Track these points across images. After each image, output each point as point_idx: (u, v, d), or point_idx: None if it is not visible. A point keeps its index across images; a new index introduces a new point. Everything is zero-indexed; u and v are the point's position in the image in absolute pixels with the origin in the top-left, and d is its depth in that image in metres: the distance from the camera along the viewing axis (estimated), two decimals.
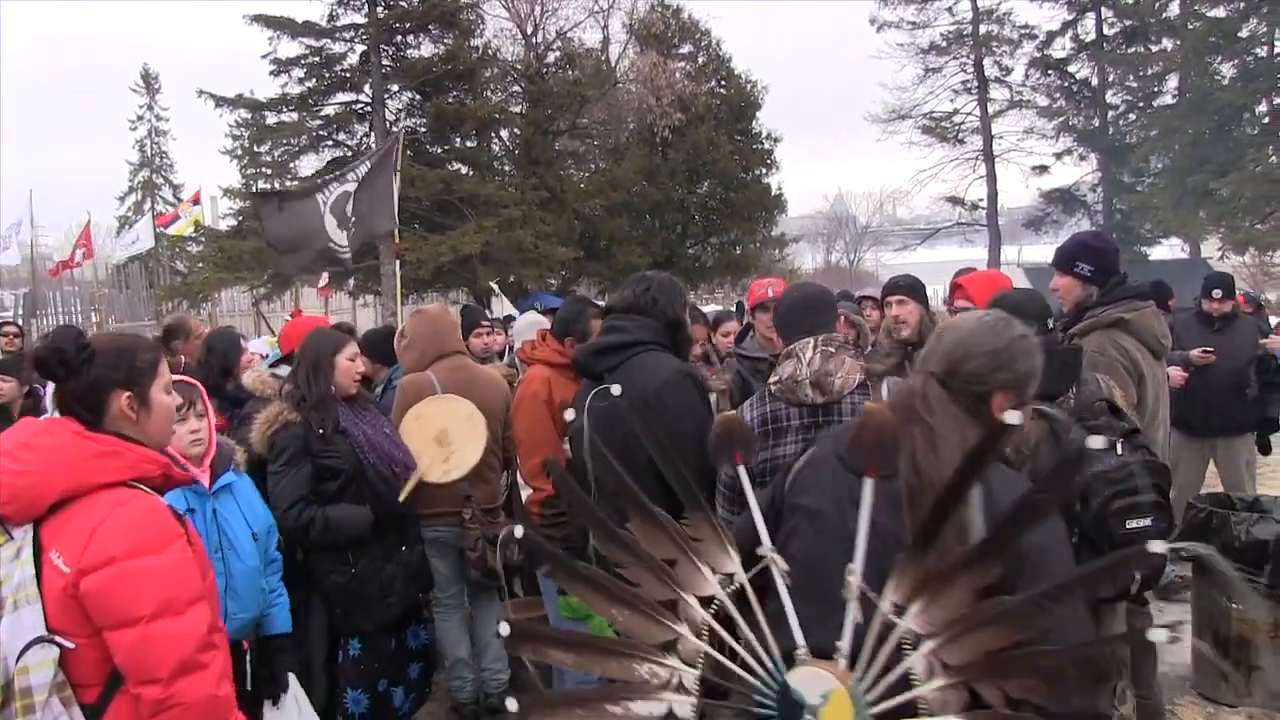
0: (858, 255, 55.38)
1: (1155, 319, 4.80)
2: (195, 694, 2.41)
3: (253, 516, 3.83)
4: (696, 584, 2.25)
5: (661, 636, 2.24)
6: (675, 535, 2.26)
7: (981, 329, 2.51)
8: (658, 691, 2.22)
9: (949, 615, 1.95)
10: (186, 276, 25.76)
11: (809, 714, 2.08)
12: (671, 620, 2.24)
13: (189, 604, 2.46)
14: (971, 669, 1.93)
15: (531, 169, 25.16)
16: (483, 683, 5.75)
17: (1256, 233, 26.62)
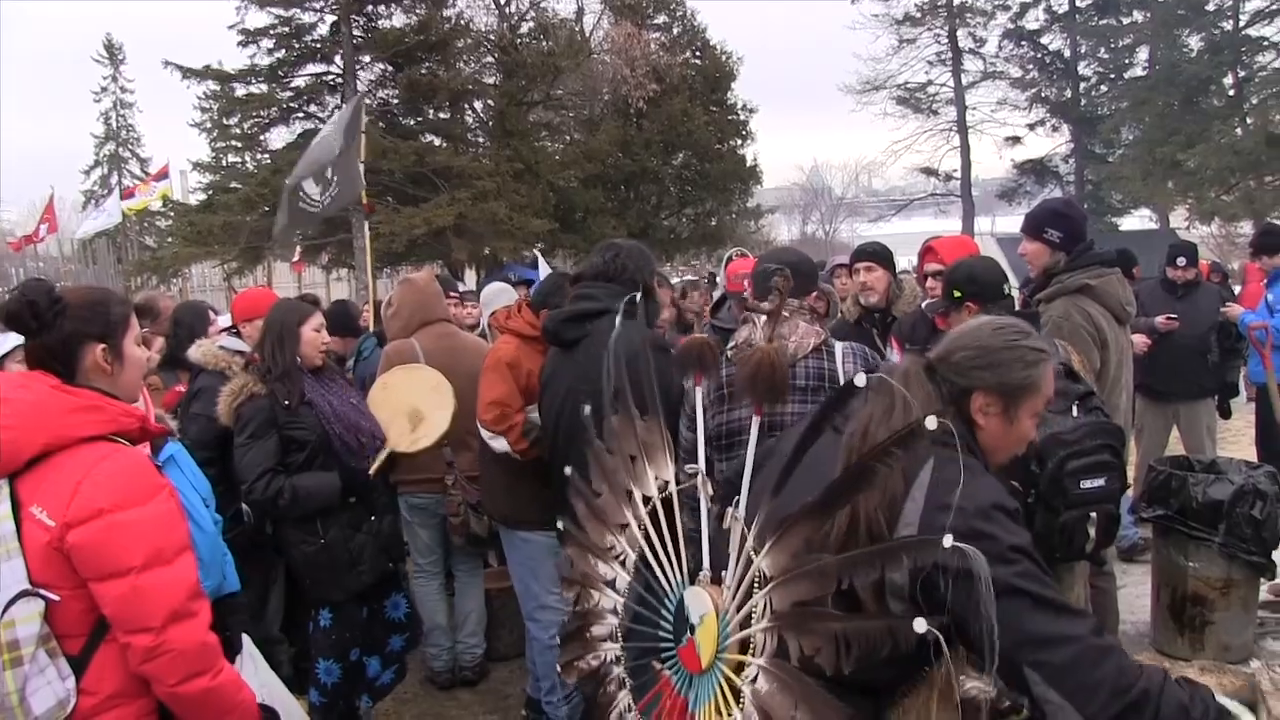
0: (833, 226, 55.41)
1: (1120, 285, 4.88)
2: (187, 641, 2.47)
3: (199, 481, 3.79)
4: (644, 482, 2.54)
5: (621, 518, 2.58)
6: (636, 433, 2.55)
7: (986, 327, 2.46)
8: (611, 560, 2.60)
9: (785, 562, 2.03)
10: (156, 251, 25.53)
11: (689, 632, 2.25)
12: (627, 506, 2.56)
13: (177, 553, 2.51)
14: (783, 617, 2.01)
15: (505, 140, 25.07)
16: (457, 654, 5.82)
17: (1222, 203, 26.81)
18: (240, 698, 2.65)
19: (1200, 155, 26.19)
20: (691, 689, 2.24)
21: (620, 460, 2.57)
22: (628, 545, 2.53)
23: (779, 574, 2.02)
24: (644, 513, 2.46)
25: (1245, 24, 29.26)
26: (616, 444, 2.59)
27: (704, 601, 2.22)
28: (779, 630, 2.01)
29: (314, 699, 4.87)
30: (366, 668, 4.91)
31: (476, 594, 5.86)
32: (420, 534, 5.56)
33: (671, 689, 2.30)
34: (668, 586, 2.37)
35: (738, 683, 2.11)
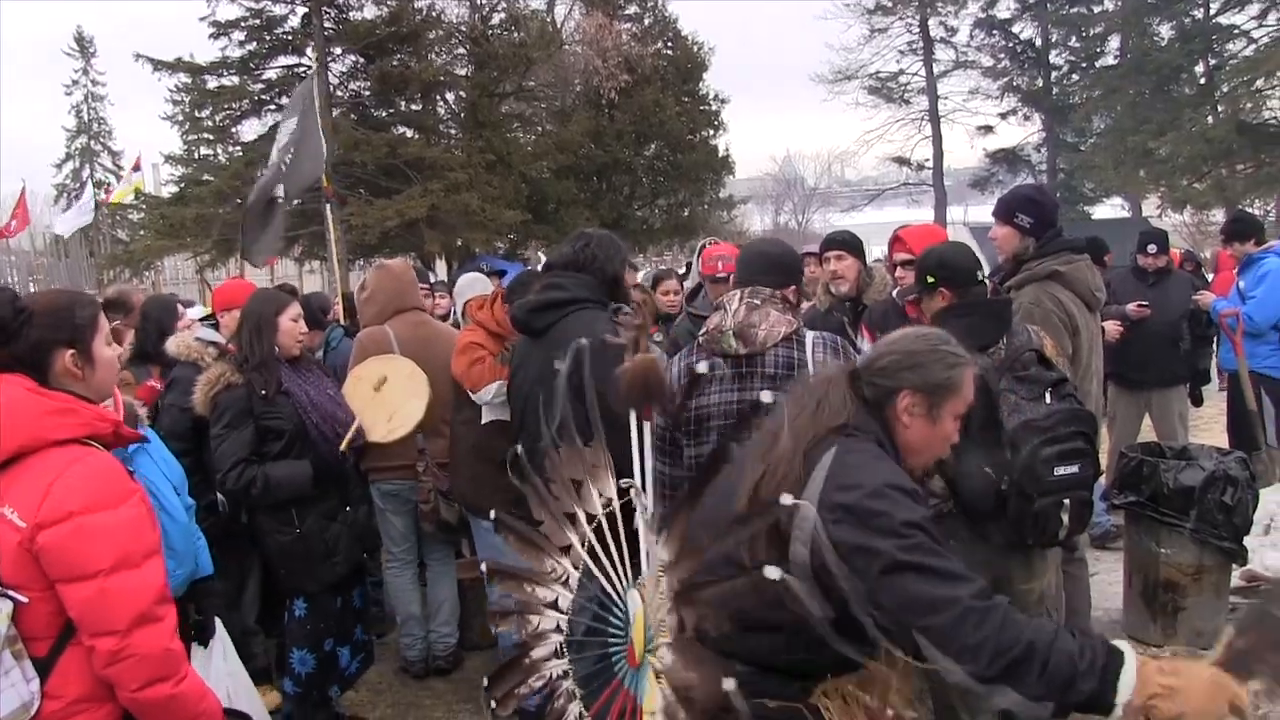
0: (806, 217, 55.54)
1: (1090, 272, 4.89)
2: (151, 646, 2.45)
3: (170, 470, 3.76)
4: (590, 504, 2.60)
5: (563, 541, 2.64)
6: (583, 460, 2.60)
7: (909, 335, 2.63)
8: (552, 582, 2.65)
9: (675, 546, 2.15)
10: (128, 245, 25.32)
11: (629, 630, 2.39)
12: (569, 528, 2.62)
13: (145, 557, 2.49)
14: (674, 596, 2.11)
15: (477, 132, 24.98)
16: (431, 644, 5.80)
17: (1193, 191, 27.00)
18: (203, 706, 2.61)
19: (1172, 143, 26.41)
20: (635, 684, 2.33)
21: (563, 487, 2.63)
22: (570, 565, 2.62)
23: (671, 558, 2.16)
24: (589, 530, 2.54)
25: (1216, 12, 29.48)
26: (557, 474, 2.64)
27: (637, 600, 2.35)
28: (675, 609, 2.10)
29: (288, 689, 4.88)
30: (339, 657, 4.90)
31: (449, 583, 5.85)
32: (394, 521, 5.54)
33: (624, 689, 2.38)
34: (615, 594, 2.45)
35: (656, 669, 2.22)
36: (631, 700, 2.33)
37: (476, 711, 5.37)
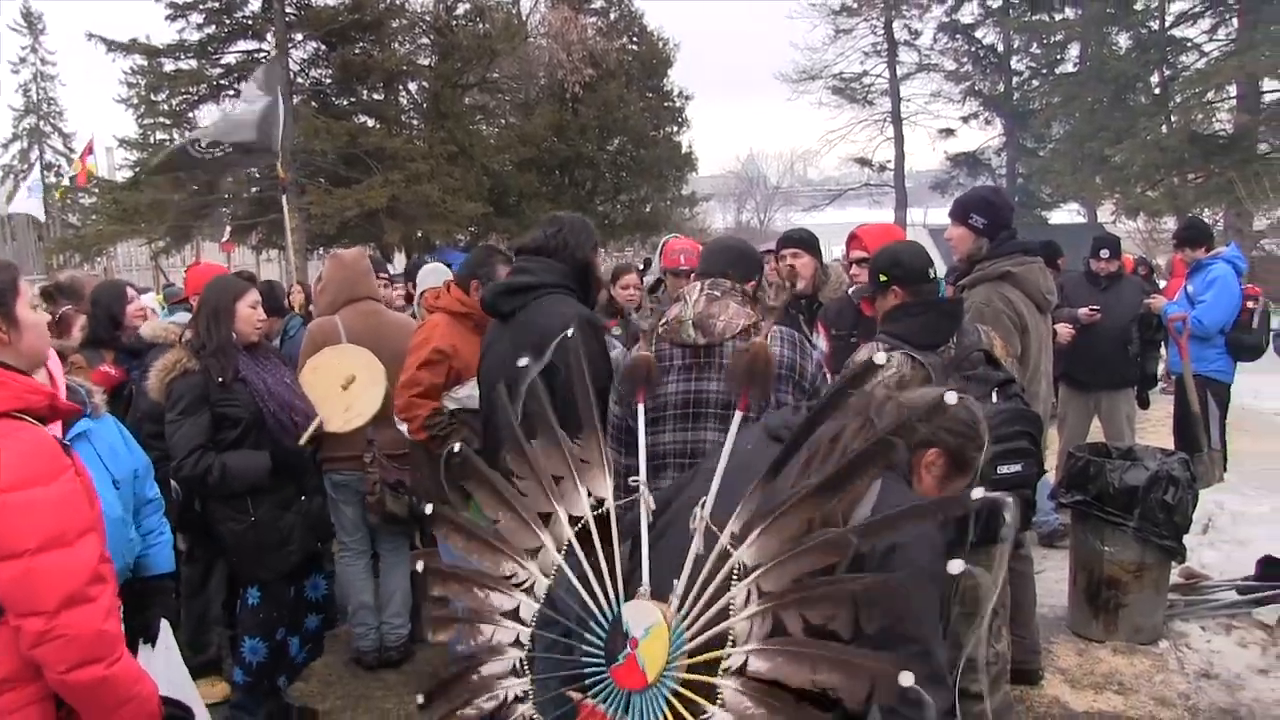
0: (768, 215, 55.67)
1: (1041, 274, 4.97)
2: (81, 627, 2.38)
3: (115, 463, 3.67)
4: (572, 502, 2.39)
5: (530, 543, 2.40)
6: (567, 454, 2.41)
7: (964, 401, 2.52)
8: (512, 590, 2.38)
9: (779, 545, 1.99)
10: (79, 229, 24.95)
11: (630, 647, 2.12)
12: (539, 529, 2.39)
13: (78, 536, 2.43)
14: (783, 595, 1.96)
15: (440, 123, 24.83)
16: (383, 634, 5.80)
17: (1147, 199, 27.33)
18: (136, 690, 2.55)
19: (1127, 151, 26.74)
20: (629, 710, 2.13)
21: (535, 484, 2.43)
22: (538, 571, 2.37)
23: (769, 559, 1.99)
24: (571, 533, 2.34)
25: (1171, 24, 29.83)
26: (531, 469, 2.44)
27: (649, 614, 2.12)
28: (774, 611, 1.95)
29: (238, 679, 4.86)
30: (289, 646, 4.89)
31: (402, 574, 5.84)
32: (345, 511, 5.54)
33: (599, 716, 2.17)
34: (596, 607, 2.24)
35: (708, 682, 2.01)
36: None
37: None
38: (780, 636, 1.95)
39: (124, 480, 3.68)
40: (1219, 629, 5.72)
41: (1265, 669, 5.34)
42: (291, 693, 5.30)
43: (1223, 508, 7.55)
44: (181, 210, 22.40)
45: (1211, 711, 4.97)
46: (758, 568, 2.00)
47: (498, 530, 2.45)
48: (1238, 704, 5.02)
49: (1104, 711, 4.94)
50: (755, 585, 2.00)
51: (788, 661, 1.92)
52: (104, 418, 3.69)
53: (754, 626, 1.98)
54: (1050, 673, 5.29)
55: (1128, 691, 5.13)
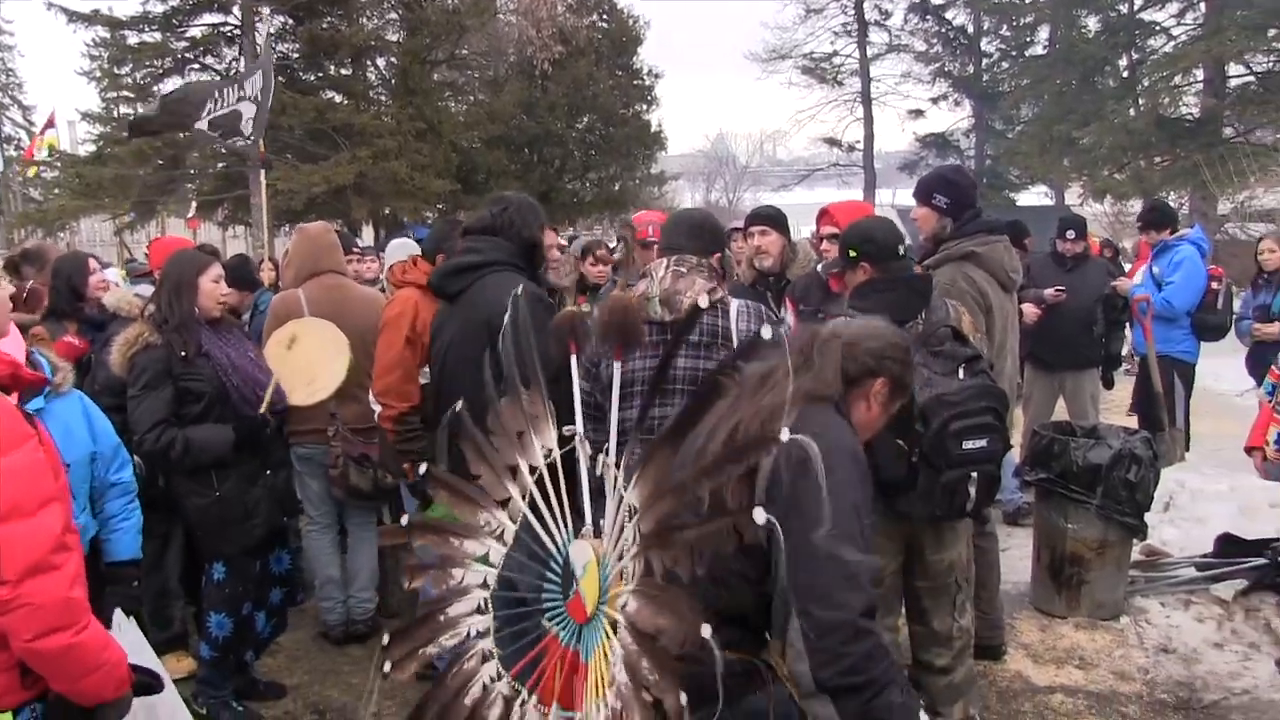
0: (737, 195, 55.59)
1: (1006, 253, 4.99)
2: (46, 595, 2.37)
3: (69, 444, 3.52)
4: (531, 454, 2.51)
5: (501, 494, 2.54)
6: (523, 409, 2.53)
7: (893, 330, 2.83)
8: (484, 537, 2.54)
9: (649, 488, 2.11)
10: (41, 204, 24.60)
11: (575, 584, 2.29)
12: (508, 481, 2.53)
13: (41, 505, 2.41)
14: (647, 539, 2.08)
15: (408, 99, 24.63)
16: (350, 608, 5.80)
17: (1114, 182, 27.50)
18: (104, 657, 2.55)
19: (1094, 134, 26.89)
20: (581, 640, 2.26)
21: (505, 439, 2.56)
22: (508, 518, 2.53)
23: (644, 502, 2.10)
24: (531, 482, 2.47)
25: (1139, 7, 29.98)
26: (500, 425, 2.57)
27: (585, 551, 2.27)
28: (644, 554, 2.08)
29: (205, 654, 4.86)
30: (255, 621, 4.89)
31: (369, 549, 5.85)
32: (310, 485, 5.54)
33: (559, 645, 2.31)
34: (553, 547, 2.39)
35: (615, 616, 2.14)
36: (572, 656, 2.27)
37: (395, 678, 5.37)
38: (647, 579, 2.09)
39: (76, 463, 3.57)
40: (1178, 605, 5.81)
41: (1220, 643, 5.44)
42: (259, 667, 5.30)
43: (1183, 486, 7.65)
44: (146, 185, 22.14)
45: (1169, 684, 5.05)
46: (636, 510, 2.14)
47: (479, 485, 2.57)
48: (1194, 677, 5.11)
49: (1065, 685, 5.01)
50: (636, 527, 2.13)
51: (645, 604, 2.06)
52: (68, 394, 3.61)
53: (635, 568, 2.13)
54: (1013, 648, 5.35)
55: (1089, 666, 5.20)
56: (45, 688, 2.57)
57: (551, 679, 2.29)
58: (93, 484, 3.70)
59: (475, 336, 4.05)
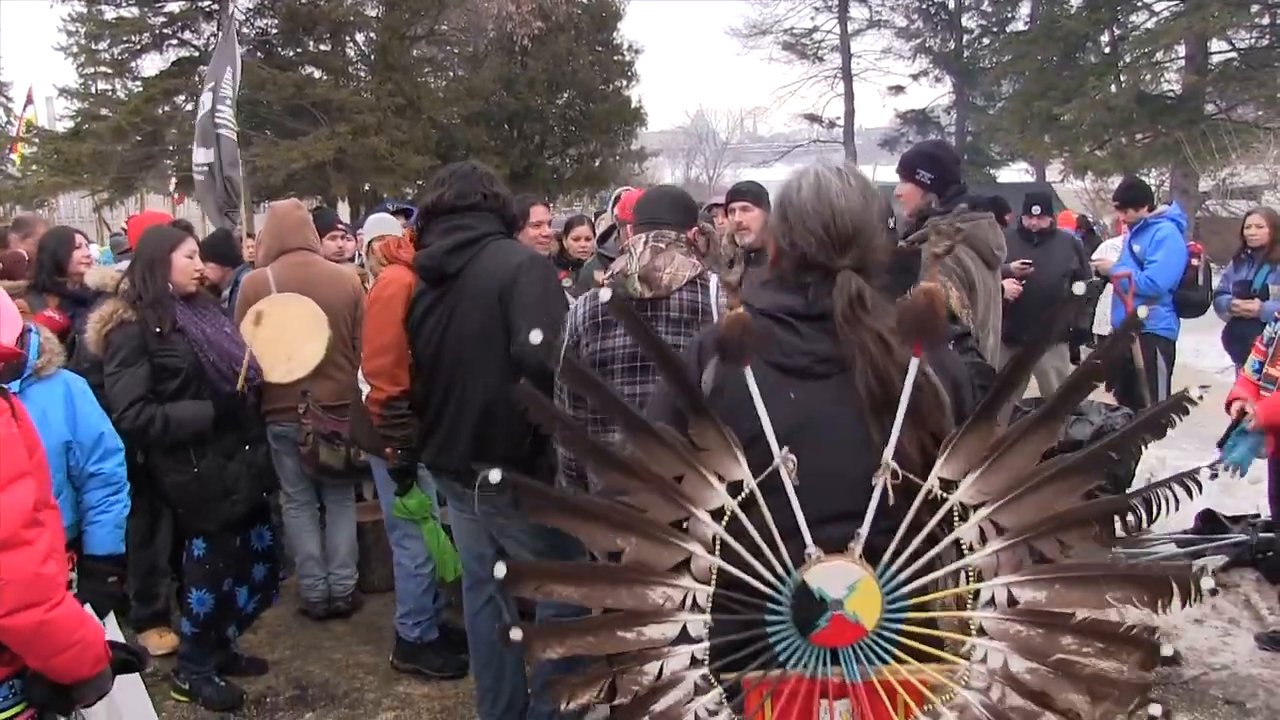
0: (717, 171, 55.53)
1: (991, 230, 4.98)
2: (15, 571, 2.35)
3: (42, 430, 3.25)
4: (705, 497, 2.12)
5: (674, 559, 2.13)
6: (680, 448, 2.11)
7: None
8: (672, 614, 2.13)
9: (1009, 480, 2.06)
10: (19, 180, 24.41)
11: (834, 609, 2.08)
12: (682, 540, 2.12)
13: (11, 480, 2.39)
14: (1036, 526, 2.05)
15: (387, 75, 24.45)
16: (330, 585, 5.80)
17: (1095, 158, 27.49)
18: (79, 635, 2.53)
19: (1075, 110, 26.83)
20: (838, 664, 2.10)
21: (650, 494, 2.11)
22: (695, 582, 2.13)
23: (999, 495, 2.07)
24: (719, 528, 2.11)
25: None
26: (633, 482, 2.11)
27: (846, 572, 2.08)
28: (1028, 543, 2.06)
29: (186, 630, 4.88)
30: (237, 597, 4.89)
31: (347, 525, 5.86)
32: (286, 463, 5.53)
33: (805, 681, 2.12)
34: (770, 587, 2.11)
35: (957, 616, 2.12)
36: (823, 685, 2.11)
37: (376, 653, 5.39)
38: (1040, 564, 2.06)
39: (49, 451, 3.44)
40: None
41: (1200, 619, 5.49)
42: (240, 643, 5.30)
43: (1164, 463, 7.67)
44: (125, 161, 21.95)
45: None
46: (983, 505, 2.07)
47: (630, 563, 2.13)
48: None
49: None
50: (989, 521, 2.07)
51: (1068, 587, 2.06)
52: (52, 378, 3.55)
53: (1004, 559, 2.07)
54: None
55: None
56: (20, 667, 2.56)
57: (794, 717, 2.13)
58: (70, 474, 3.63)
59: (488, 308, 3.97)
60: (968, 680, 2.09)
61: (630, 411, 2.13)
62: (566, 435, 2.20)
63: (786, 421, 2.12)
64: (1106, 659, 2.05)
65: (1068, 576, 2.07)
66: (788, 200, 2.36)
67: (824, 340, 2.23)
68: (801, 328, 2.26)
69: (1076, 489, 2.05)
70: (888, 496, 2.07)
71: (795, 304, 2.30)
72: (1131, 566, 2.05)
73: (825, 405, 2.20)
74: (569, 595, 2.16)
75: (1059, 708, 2.06)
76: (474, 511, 4.10)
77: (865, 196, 2.35)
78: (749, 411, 2.09)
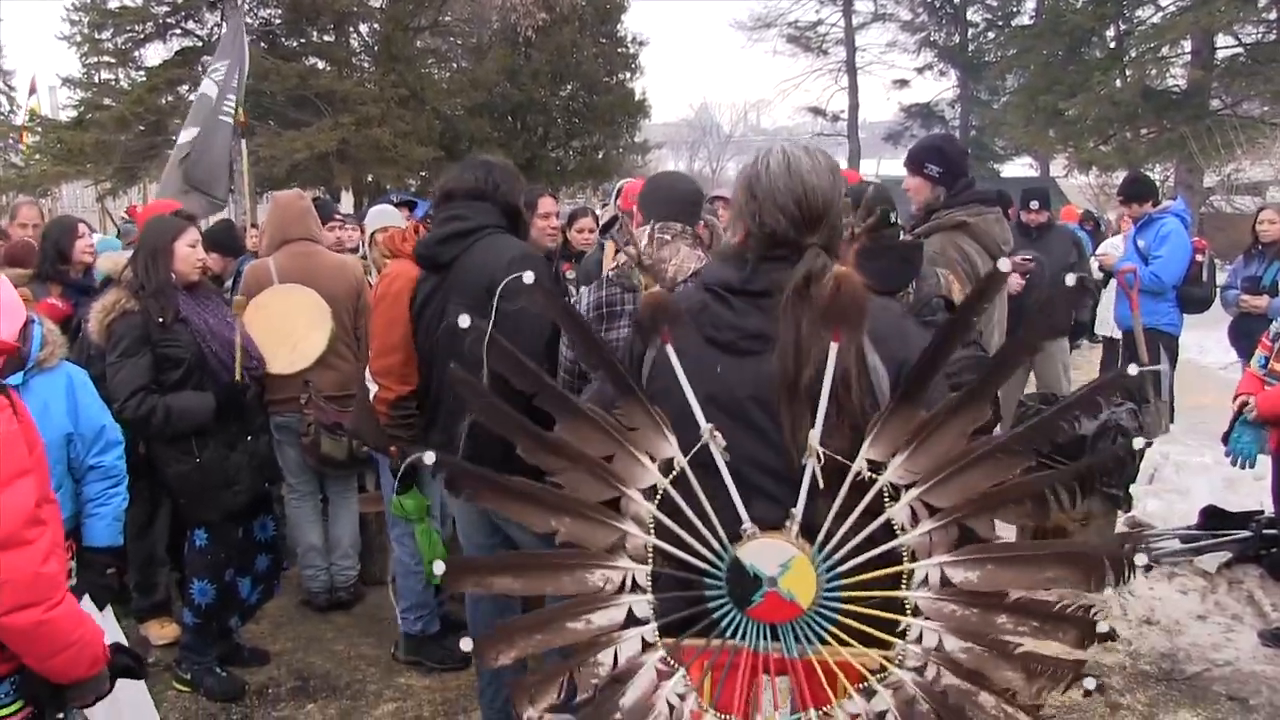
0: (720, 164, 55.52)
1: (998, 224, 4.97)
2: (16, 571, 2.34)
3: (43, 423, 3.26)
4: (637, 476, 2.13)
5: (608, 538, 2.14)
6: (610, 428, 2.12)
7: None
8: (614, 597, 2.14)
9: (938, 460, 2.03)
10: (22, 169, 24.38)
11: (768, 585, 2.09)
12: (616, 519, 2.14)
13: (15, 478, 2.37)
14: (967, 506, 2.03)
15: (391, 66, 24.43)
16: (332, 576, 5.80)
17: (1099, 153, 27.47)
18: (78, 635, 2.51)
19: (1080, 105, 26.80)
20: (778, 639, 2.11)
21: (580, 473, 2.12)
22: (632, 561, 2.14)
23: (929, 472, 2.04)
24: (652, 506, 2.12)
25: None
26: (562, 462, 2.13)
27: (779, 549, 2.08)
28: (958, 523, 2.04)
29: (188, 620, 4.87)
30: (239, 588, 4.88)
31: (349, 516, 5.85)
32: (288, 453, 5.51)
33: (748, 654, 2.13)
34: (707, 563, 2.12)
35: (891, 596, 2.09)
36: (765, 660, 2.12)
37: (378, 645, 5.38)
38: (971, 545, 2.05)
39: (49, 444, 3.28)
40: (1161, 577, 5.83)
41: (1203, 615, 5.47)
42: (243, 634, 5.30)
43: (1168, 458, 7.67)
44: (128, 151, 21.94)
45: (1152, 655, 5.07)
46: (913, 485, 2.05)
47: (563, 543, 2.15)
48: (1176, 649, 5.14)
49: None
50: (920, 502, 2.05)
51: (1000, 567, 2.05)
52: (55, 370, 3.51)
53: (938, 539, 2.05)
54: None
55: None
56: (19, 665, 2.54)
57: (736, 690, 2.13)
58: (70, 466, 3.61)
59: (474, 304, 3.95)
60: (903, 660, 2.09)
61: (558, 392, 2.15)
62: (493, 418, 2.14)
63: (714, 395, 2.13)
64: (1042, 637, 2.06)
65: (1000, 557, 2.06)
66: (755, 178, 2.32)
67: (754, 315, 2.22)
68: (735, 302, 2.25)
69: (1008, 468, 2.01)
70: (817, 478, 2.07)
71: (731, 278, 2.28)
72: (1067, 545, 2.08)
73: (752, 382, 2.19)
74: (509, 586, 2.17)
75: (995, 687, 2.06)
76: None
77: (833, 175, 2.34)
78: (678, 387, 2.11)
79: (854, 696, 2.09)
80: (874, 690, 2.09)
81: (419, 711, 4.78)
